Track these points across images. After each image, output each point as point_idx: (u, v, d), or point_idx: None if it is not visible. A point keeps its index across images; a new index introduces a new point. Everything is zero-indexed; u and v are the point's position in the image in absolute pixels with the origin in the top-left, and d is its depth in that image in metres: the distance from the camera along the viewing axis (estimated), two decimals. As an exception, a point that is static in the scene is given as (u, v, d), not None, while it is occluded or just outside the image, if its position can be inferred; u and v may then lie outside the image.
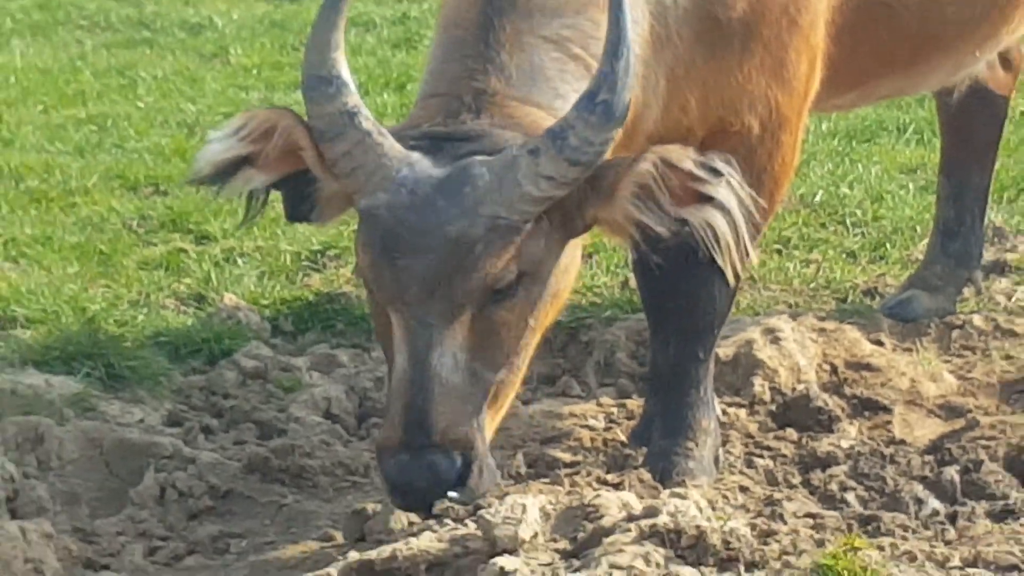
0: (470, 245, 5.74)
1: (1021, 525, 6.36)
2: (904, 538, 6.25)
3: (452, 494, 5.90)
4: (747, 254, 5.90)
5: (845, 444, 6.84)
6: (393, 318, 5.90)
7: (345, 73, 5.85)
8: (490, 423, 6.08)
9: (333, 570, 5.93)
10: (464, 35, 6.03)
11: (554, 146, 5.66)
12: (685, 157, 5.75)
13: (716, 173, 5.72)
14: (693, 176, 5.72)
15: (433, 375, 5.86)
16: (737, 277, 6.27)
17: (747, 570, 5.98)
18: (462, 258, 5.77)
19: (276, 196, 6.29)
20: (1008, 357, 7.32)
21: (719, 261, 5.92)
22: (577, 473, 6.60)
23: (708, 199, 5.75)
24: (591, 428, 6.93)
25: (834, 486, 6.59)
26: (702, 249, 5.85)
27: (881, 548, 6.12)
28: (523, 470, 6.57)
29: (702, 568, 5.95)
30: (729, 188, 5.74)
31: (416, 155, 5.77)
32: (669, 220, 5.78)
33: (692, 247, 6.03)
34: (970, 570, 6.11)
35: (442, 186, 5.75)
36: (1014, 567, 6.03)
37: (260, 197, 6.07)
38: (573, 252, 6.10)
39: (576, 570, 5.88)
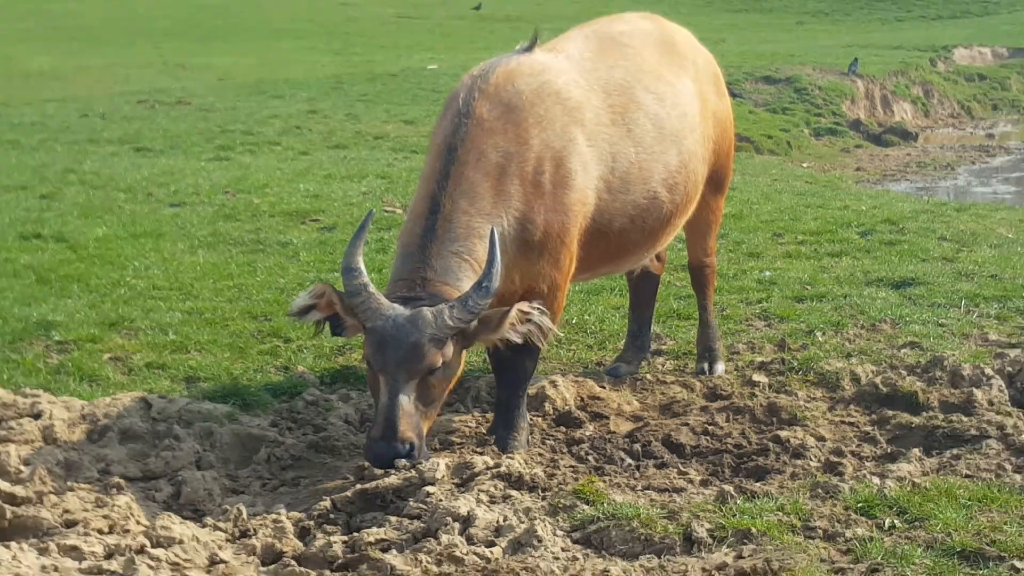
0: (420, 348, 5.87)
1: (669, 471, 6.35)
2: (615, 476, 6.26)
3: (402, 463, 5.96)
4: (545, 341, 6.27)
5: (587, 434, 6.91)
6: (380, 378, 5.99)
7: (362, 266, 6.09)
8: (424, 430, 6.08)
9: (348, 492, 5.96)
10: (412, 250, 6.20)
11: (461, 305, 5.94)
12: (526, 306, 6.08)
13: (536, 309, 6.05)
14: (528, 312, 6.00)
15: (398, 405, 5.88)
16: (541, 348, 6.45)
17: (542, 491, 6.07)
18: (415, 354, 5.88)
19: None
20: (663, 393, 7.43)
21: (537, 344, 6.28)
22: (463, 447, 6.69)
23: (530, 320, 6.07)
24: (469, 426, 7.01)
25: (583, 453, 6.63)
26: (531, 341, 6.19)
27: (604, 481, 6.23)
28: (437, 446, 6.56)
29: (521, 491, 6.02)
30: (541, 313, 6.08)
31: (396, 305, 5.93)
32: (519, 333, 6.06)
33: (518, 346, 6.31)
34: (647, 492, 6.16)
35: (408, 319, 5.90)
36: (666, 489, 6.09)
37: (322, 324, 6.19)
38: (463, 354, 6.23)
39: (464, 492, 5.88)
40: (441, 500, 5.73)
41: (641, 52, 7.20)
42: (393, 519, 5.68)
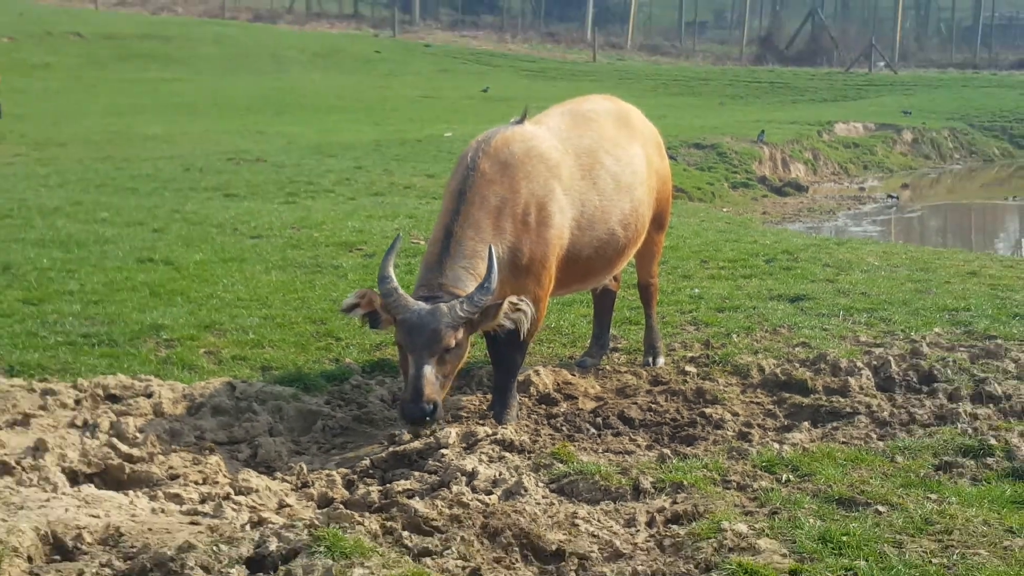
0: (438, 332, 5.87)
1: (623, 438, 6.36)
2: (582, 442, 6.26)
3: (428, 419, 5.91)
4: (533, 333, 6.28)
5: (562, 410, 6.92)
6: (409, 357, 5.96)
7: (392, 274, 6.08)
8: (442, 396, 6.05)
9: (383, 453, 6.02)
10: (432, 264, 6.20)
11: (468, 301, 5.92)
12: (515, 298, 6.08)
13: (523, 300, 6.06)
14: (516, 303, 6.02)
15: (423, 376, 5.89)
16: (528, 343, 6.59)
17: (528, 453, 6.09)
18: (435, 337, 5.87)
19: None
20: (618, 380, 7.49)
21: (523, 334, 6.19)
22: (469, 420, 6.70)
23: (519, 309, 6.06)
24: (473, 404, 7.02)
25: (558, 424, 6.66)
26: (519, 327, 6.12)
27: (574, 446, 6.28)
28: (449, 419, 6.55)
29: (512, 453, 6.03)
30: (528, 305, 6.05)
31: (420, 302, 5.95)
32: (511, 319, 6.04)
33: (511, 340, 6.29)
34: (606, 454, 6.17)
35: (429, 312, 5.91)
36: (620, 452, 6.16)
37: (367, 320, 6.16)
38: (470, 340, 6.18)
39: (469, 454, 5.91)
40: (452, 460, 5.73)
41: (603, 125, 7.20)
42: (416, 474, 5.68)
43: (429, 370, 5.91)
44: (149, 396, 6.62)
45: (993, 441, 5.93)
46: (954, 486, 5.44)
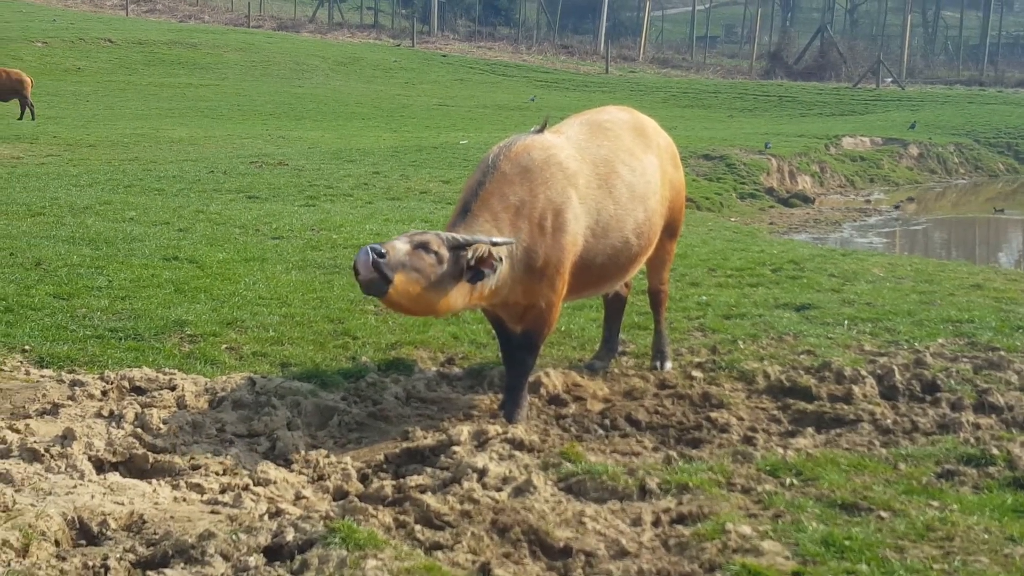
0: (425, 232, 5.92)
1: (630, 439, 6.31)
2: (590, 442, 6.24)
3: (378, 259, 5.64)
4: (545, 336, 6.42)
5: (571, 411, 6.89)
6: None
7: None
8: (405, 282, 5.75)
9: (396, 449, 5.97)
10: (454, 221, 6.16)
11: (470, 236, 5.98)
12: (496, 252, 6.09)
13: (499, 260, 6.14)
14: (496, 257, 6.09)
15: (395, 240, 5.86)
16: (540, 344, 6.61)
17: (537, 452, 6.06)
18: (421, 234, 5.90)
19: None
20: (626, 383, 7.45)
21: (487, 288, 6.13)
22: (480, 419, 6.65)
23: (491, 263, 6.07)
24: (485, 404, 6.99)
25: (567, 425, 6.63)
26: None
27: (582, 446, 6.20)
28: (461, 417, 6.56)
29: (522, 452, 5.99)
30: (500, 263, 6.15)
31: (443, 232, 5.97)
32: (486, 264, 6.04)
33: (523, 342, 6.34)
34: (613, 454, 6.11)
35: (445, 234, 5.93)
36: (627, 453, 6.12)
37: None
38: (456, 287, 6.00)
39: (480, 451, 5.88)
40: (464, 457, 5.71)
41: (620, 135, 7.18)
42: (429, 470, 5.66)
43: (402, 243, 5.81)
44: (173, 389, 6.66)
45: (995, 451, 5.88)
46: (956, 494, 5.40)
